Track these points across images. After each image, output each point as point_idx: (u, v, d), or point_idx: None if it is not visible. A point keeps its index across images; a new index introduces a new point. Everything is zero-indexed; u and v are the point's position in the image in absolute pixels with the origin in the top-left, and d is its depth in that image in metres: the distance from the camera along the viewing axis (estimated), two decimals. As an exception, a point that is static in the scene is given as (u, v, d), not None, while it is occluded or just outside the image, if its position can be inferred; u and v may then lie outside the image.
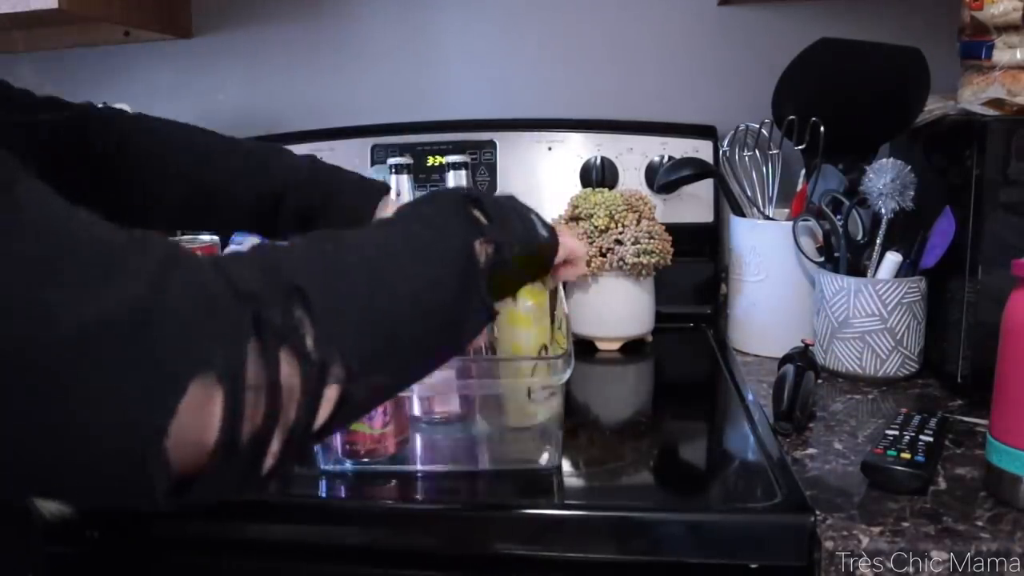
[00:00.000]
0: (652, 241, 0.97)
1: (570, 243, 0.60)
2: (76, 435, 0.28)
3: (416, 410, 0.70)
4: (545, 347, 0.71)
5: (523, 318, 0.70)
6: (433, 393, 0.66)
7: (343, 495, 0.66)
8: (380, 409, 0.66)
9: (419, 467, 0.68)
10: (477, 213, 0.48)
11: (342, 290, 0.37)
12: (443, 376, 0.65)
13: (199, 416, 0.29)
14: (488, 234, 0.47)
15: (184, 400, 0.29)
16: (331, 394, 0.35)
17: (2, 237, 0.26)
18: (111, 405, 0.28)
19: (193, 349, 0.29)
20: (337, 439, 0.67)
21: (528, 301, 0.69)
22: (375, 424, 0.66)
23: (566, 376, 0.64)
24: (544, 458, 0.68)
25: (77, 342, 0.26)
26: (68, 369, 0.27)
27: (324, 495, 0.66)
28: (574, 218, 1.02)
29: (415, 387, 0.66)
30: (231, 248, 0.97)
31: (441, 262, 0.44)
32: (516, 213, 0.52)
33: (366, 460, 0.67)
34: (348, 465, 0.68)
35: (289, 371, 0.32)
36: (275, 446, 0.33)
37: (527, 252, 0.51)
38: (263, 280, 0.33)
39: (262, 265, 0.35)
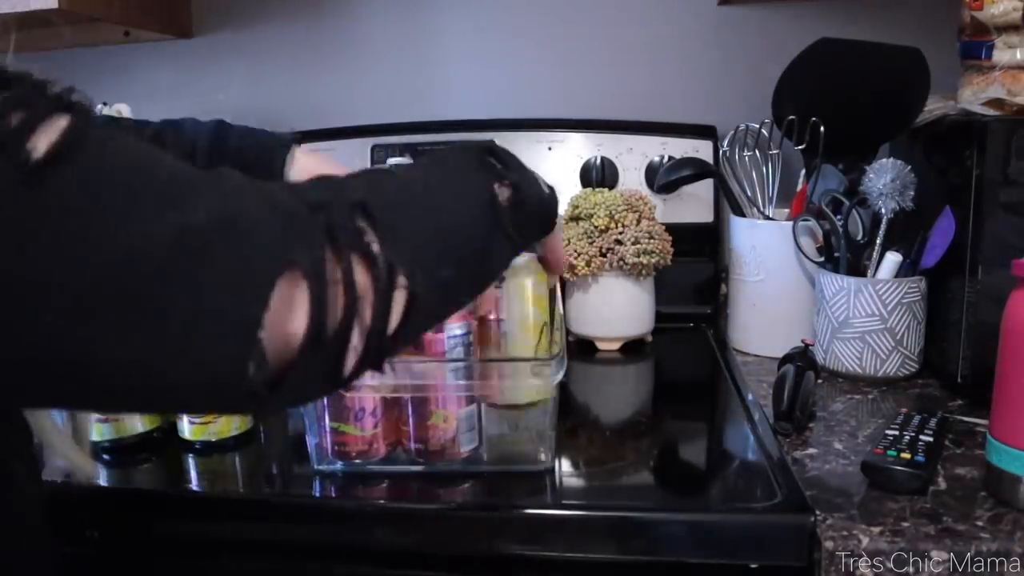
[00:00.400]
0: (652, 241, 0.97)
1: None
2: (182, 331, 0.30)
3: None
4: (546, 324, 0.74)
5: (529, 294, 0.72)
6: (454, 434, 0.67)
7: (341, 495, 0.66)
8: (369, 410, 0.66)
9: (416, 467, 0.68)
10: (493, 160, 0.52)
11: (397, 208, 0.41)
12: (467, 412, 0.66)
13: (289, 310, 0.32)
14: (505, 177, 0.51)
15: (274, 295, 0.32)
16: (400, 298, 0.38)
17: (100, 163, 0.30)
18: (210, 302, 0.31)
19: (277, 249, 0.33)
20: (328, 440, 0.67)
21: (530, 279, 0.72)
22: (365, 426, 0.66)
23: (559, 377, 0.64)
24: (541, 458, 0.68)
25: (173, 248, 0.30)
26: (168, 272, 0.30)
27: (321, 495, 0.66)
28: (574, 218, 1.02)
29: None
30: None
31: (468, 196, 0.48)
32: (524, 166, 0.55)
33: (358, 462, 0.67)
34: (339, 466, 0.68)
35: (361, 272, 0.35)
36: (356, 343, 0.36)
37: (537, 198, 0.55)
38: (330, 195, 0.37)
39: (327, 185, 0.39)
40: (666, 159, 1.11)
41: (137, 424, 0.75)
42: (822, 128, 0.91)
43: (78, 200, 0.28)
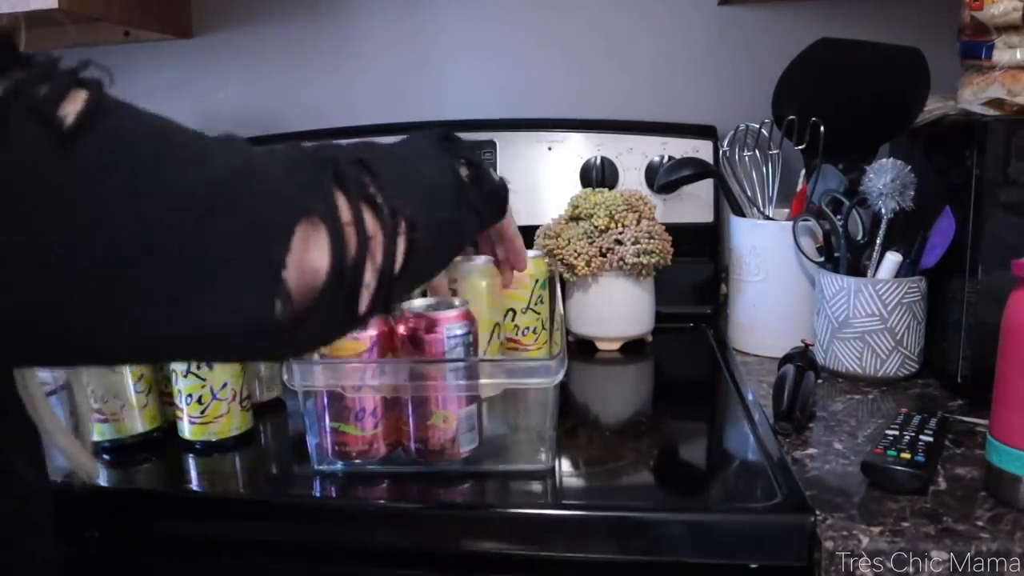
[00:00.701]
0: (652, 241, 0.97)
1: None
2: (213, 277, 0.33)
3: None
4: (498, 325, 0.79)
5: (484, 295, 0.76)
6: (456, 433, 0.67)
7: (341, 496, 0.66)
8: (369, 410, 0.66)
9: (416, 467, 0.68)
10: (451, 145, 0.57)
11: (390, 167, 0.46)
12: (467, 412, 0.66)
13: (310, 251, 0.36)
14: (464, 157, 0.56)
15: (295, 238, 0.35)
16: (402, 241, 0.42)
17: (123, 128, 0.33)
18: (236, 248, 0.34)
19: (295, 196, 0.37)
20: (328, 440, 0.67)
21: (485, 281, 0.76)
22: (365, 426, 0.66)
23: (559, 377, 0.64)
24: (540, 458, 0.68)
25: (200, 200, 0.33)
26: (196, 222, 0.33)
27: (321, 495, 0.66)
28: (574, 218, 1.02)
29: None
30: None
31: (438, 168, 0.53)
32: (477, 152, 0.60)
33: (358, 462, 0.67)
34: (339, 466, 0.68)
35: (369, 217, 0.40)
36: (369, 280, 0.40)
37: (491, 180, 0.60)
38: (335, 152, 0.42)
39: (330, 146, 0.43)
40: (666, 159, 1.11)
41: (137, 424, 0.75)
42: (822, 128, 0.91)
43: (109, 160, 0.31)
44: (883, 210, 0.84)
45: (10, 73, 0.30)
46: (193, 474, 0.72)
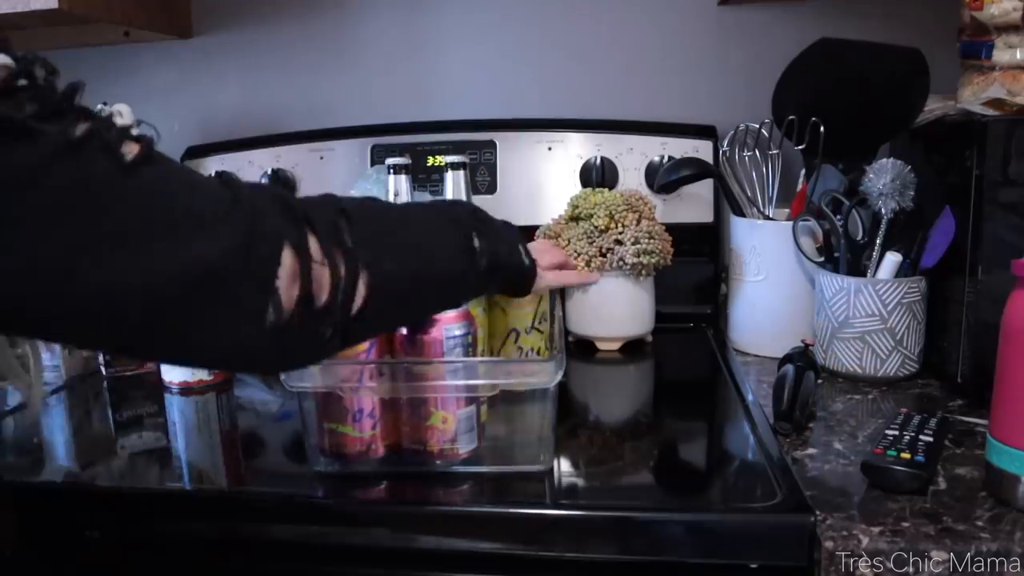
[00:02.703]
0: (652, 241, 0.97)
1: (550, 255, 0.81)
2: (235, 277, 0.42)
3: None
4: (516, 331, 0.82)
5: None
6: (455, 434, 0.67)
7: (340, 496, 0.65)
8: (367, 411, 0.66)
9: (415, 468, 0.67)
10: (477, 222, 0.63)
11: (374, 221, 0.54)
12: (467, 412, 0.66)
13: (293, 272, 0.44)
14: (484, 235, 0.62)
15: (283, 255, 0.44)
16: (363, 286, 0.49)
17: (167, 171, 0.42)
18: (254, 259, 0.43)
19: (280, 229, 0.45)
20: (326, 441, 0.67)
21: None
22: (364, 427, 0.66)
23: (559, 377, 0.64)
24: (540, 458, 0.68)
25: (211, 219, 0.42)
26: (223, 234, 0.42)
27: (319, 496, 0.66)
28: (574, 218, 1.02)
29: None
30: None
31: (447, 235, 0.60)
32: (505, 236, 0.66)
33: (356, 463, 0.67)
34: (338, 467, 0.68)
35: (339, 258, 0.47)
36: (335, 314, 0.47)
37: (513, 267, 0.67)
38: (317, 201, 0.50)
39: (324, 196, 0.52)
40: (666, 159, 1.11)
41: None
42: (822, 128, 0.91)
43: (157, 192, 0.40)
44: (883, 210, 0.84)
45: (82, 120, 0.38)
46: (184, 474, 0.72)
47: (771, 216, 1.03)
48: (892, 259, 0.85)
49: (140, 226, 0.38)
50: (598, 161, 1.12)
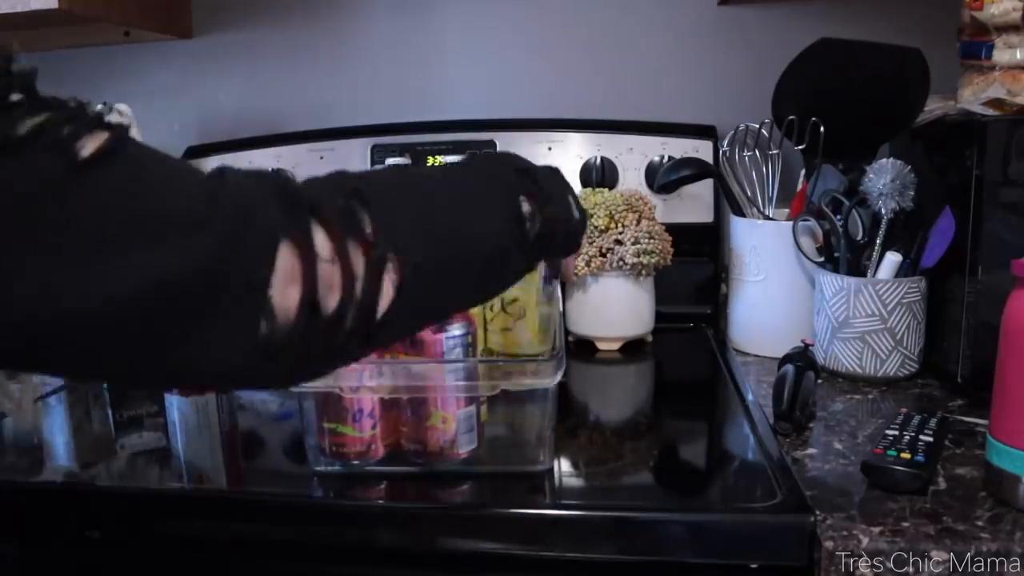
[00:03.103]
0: (652, 241, 0.97)
1: None
2: (217, 283, 0.35)
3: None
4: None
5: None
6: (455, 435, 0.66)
7: (340, 496, 0.65)
8: (368, 411, 0.66)
9: (415, 468, 0.67)
10: (528, 180, 0.53)
11: (398, 199, 0.44)
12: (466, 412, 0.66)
13: (291, 274, 0.37)
14: (535, 197, 0.52)
15: (278, 258, 0.36)
16: (388, 283, 0.40)
17: (135, 168, 0.35)
18: (226, 263, 0.35)
19: (276, 226, 0.37)
20: (326, 441, 0.67)
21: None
22: (364, 427, 0.66)
23: (559, 377, 0.64)
24: (540, 459, 0.68)
25: (185, 224, 0.34)
26: (197, 238, 0.34)
27: (319, 496, 0.66)
28: (574, 218, 1.02)
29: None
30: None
31: (491, 204, 0.50)
32: (558, 192, 0.57)
33: (356, 463, 0.67)
34: (338, 467, 0.68)
35: (356, 253, 0.39)
36: (348, 320, 0.39)
37: (565, 223, 0.56)
38: (325, 182, 0.42)
39: (328, 176, 0.43)
40: (666, 159, 1.11)
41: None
42: (822, 128, 0.91)
43: (116, 192, 0.33)
44: (883, 210, 0.84)
45: (39, 115, 0.32)
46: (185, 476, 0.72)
47: (771, 216, 1.03)
48: (892, 259, 0.85)
49: (90, 236, 0.32)
50: (598, 161, 1.12)
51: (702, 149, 1.12)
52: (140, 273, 0.33)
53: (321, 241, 0.38)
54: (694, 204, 1.12)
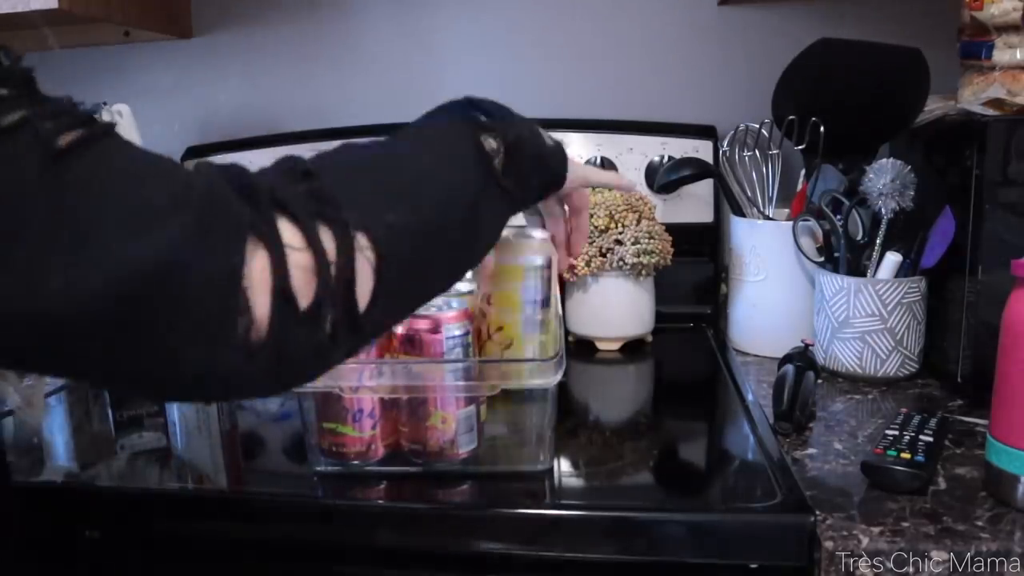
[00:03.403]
0: (652, 241, 0.97)
1: (587, 172, 0.64)
2: (187, 279, 0.33)
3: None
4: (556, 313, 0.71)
5: (518, 270, 0.68)
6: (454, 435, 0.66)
7: (339, 496, 0.65)
8: (367, 411, 0.66)
9: (414, 468, 0.67)
10: (477, 113, 0.50)
11: (355, 173, 0.42)
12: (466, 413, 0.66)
13: (261, 269, 0.35)
14: (492, 127, 0.49)
15: (247, 252, 0.35)
16: (365, 263, 0.38)
17: (110, 159, 0.34)
18: (210, 256, 0.34)
19: (242, 219, 0.35)
20: (326, 441, 0.67)
21: (538, 258, 0.68)
22: (363, 427, 0.66)
23: (558, 377, 0.64)
24: (540, 459, 0.68)
25: (154, 216, 0.33)
26: (167, 231, 0.33)
27: (319, 496, 0.66)
28: (574, 218, 1.02)
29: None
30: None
31: (447, 150, 0.47)
32: (519, 120, 0.53)
33: (356, 463, 0.67)
34: (338, 467, 0.68)
35: (326, 237, 0.37)
36: (328, 310, 0.37)
37: (534, 146, 0.53)
38: (277, 170, 0.40)
39: (278, 164, 0.41)
40: (666, 159, 1.11)
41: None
42: (822, 128, 0.91)
43: (87, 184, 0.32)
44: (883, 210, 0.84)
45: (25, 109, 0.32)
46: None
47: (771, 216, 1.03)
48: (892, 259, 0.85)
49: (63, 228, 0.31)
50: (598, 161, 1.12)
51: (702, 149, 1.12)
52: (110, 265, 0.31)
53: (288, 231, 0.36)
54: (694, 204, 1.12)
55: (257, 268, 0.35)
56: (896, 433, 0.67)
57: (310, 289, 0.36)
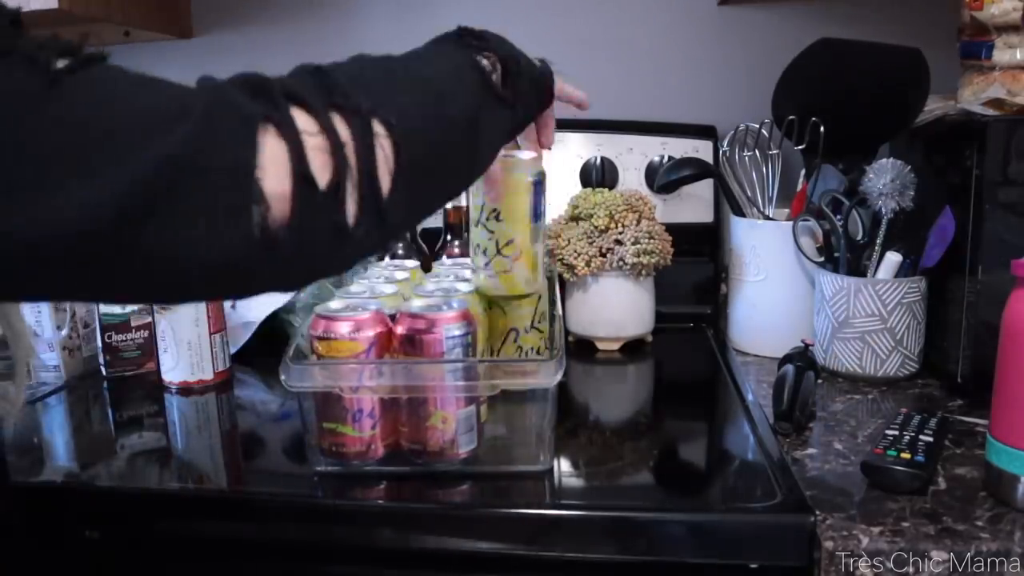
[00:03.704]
0: (652, 241, 0.97)
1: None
2: (199, 174, 0.34)
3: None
4: (542, 234, 0.75)
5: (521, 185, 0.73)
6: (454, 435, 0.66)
7: (339, 496, 0.65)
8: (367, 411, 0.66)
9: (414, 468, 0.67)
10: (471, 39, 0.55)
11: (365, 73, 0.44)
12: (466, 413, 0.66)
13: (277, 159, 0.36)
14: (487, 48, 0.54)
15: (260, 142, 0.36)
16: (383, 145, 0.40)
17: (108, 74, 0.36)
18: (220, 149, 0.35)
19: (254, 113, 0.37)
20: (326, 441, 0.67)
21: (527, 176, 0.74)
22: (363, 427, 0.66)
23: (558, 377, 0.64)
24: (540, 459, 0.68)
25: (159, 125, 0.35)
26: (176, 131, 0.34)
27: (319, 496, 0.66)
28: (574, 218, 1.02)
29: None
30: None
31: (449, 63, 0.50)
32: (504, 40, 0.58)
33: (356, 463, 0.67)
34: (337, 467, 0.68)
35: (341, 124, 0.39)
36: (351, 196, 0.38)
37: (527, 64, 0.58)
38: (290, 74, 0.43)
39: (290, 72, 0.44)
40: (666, 159, 1.11)
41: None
42: (822, 128, 0.91)
43: (89, 100, 0.33)
44: (883, 210, 0.84)
45: (17, 38, 0.33)
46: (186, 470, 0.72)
47: (771, 216, 1.03)
48: (892, 259, 0.85)
49: (67, 144, 0.32)
50: (598, 161, 1.12)
51: (702, 149, 1.12)
52: (121, 172, 0.32)
53: (301, 118, 0.38)
54: (694, 204, 1.12)
55: (271, 156, 0.36)
56: (896, 433, 0.67)
57: (328, 169, 0.37)
